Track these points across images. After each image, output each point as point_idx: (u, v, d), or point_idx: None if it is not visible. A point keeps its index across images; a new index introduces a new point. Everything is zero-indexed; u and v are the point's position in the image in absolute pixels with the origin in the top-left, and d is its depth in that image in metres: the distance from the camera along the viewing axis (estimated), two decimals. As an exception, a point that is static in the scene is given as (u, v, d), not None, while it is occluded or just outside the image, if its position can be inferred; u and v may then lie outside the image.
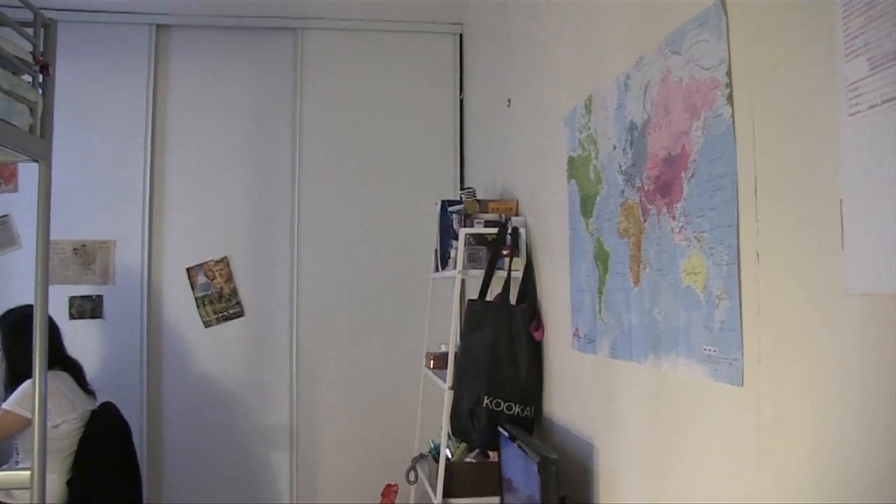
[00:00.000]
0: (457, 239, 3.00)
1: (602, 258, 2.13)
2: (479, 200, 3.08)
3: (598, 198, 2.17)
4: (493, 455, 2.88)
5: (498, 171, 3.49)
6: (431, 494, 2.94)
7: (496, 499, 2.75)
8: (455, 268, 2.97)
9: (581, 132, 2.31)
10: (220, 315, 4.15)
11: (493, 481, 2.74)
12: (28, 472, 2.55)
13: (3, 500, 3.03)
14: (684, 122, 1.63)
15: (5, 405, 3.02)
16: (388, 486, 3.81)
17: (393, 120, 4.27)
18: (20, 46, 2.39)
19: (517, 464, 2.40)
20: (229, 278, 4.15)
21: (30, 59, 2.44)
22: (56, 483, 3.01)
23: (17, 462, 3.14)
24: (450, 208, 3.22)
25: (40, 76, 2.54)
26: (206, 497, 4.08)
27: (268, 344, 4.16)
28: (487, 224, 2.98)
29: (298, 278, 4.15)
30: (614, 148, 2.05)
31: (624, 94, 1.98)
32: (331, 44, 4.26)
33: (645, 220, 1.84)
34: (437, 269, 3.44)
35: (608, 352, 2.10)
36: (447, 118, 4.30)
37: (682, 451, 1.68)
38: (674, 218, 1.68)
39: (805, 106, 1.24)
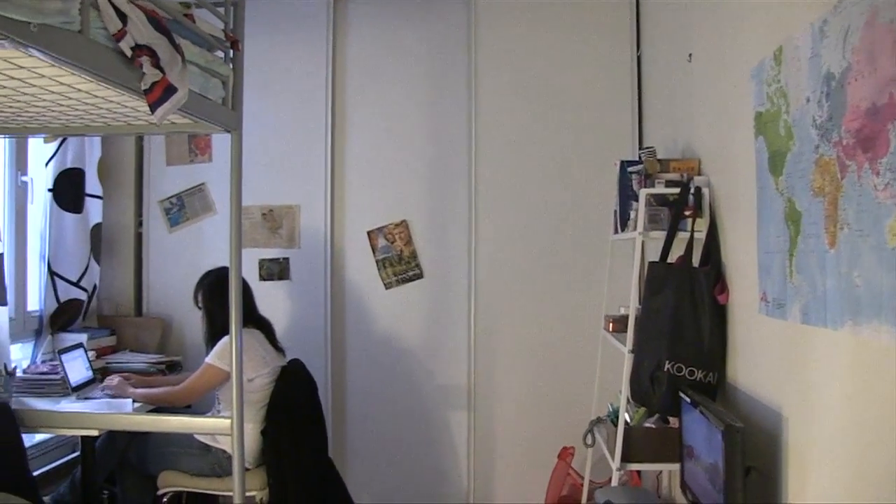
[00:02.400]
0: (637, 200, 2.93)
1: (793, 218, 2.01)
2: (659, 160, 2.99)
3: (789, 155, 2.04)
4: (673, 421, 2.82)
5: (678, 129, 3.36)
6: (609, 458, 2.92)
7: (676, 465, 2.69)
8: (635, 229, 2.90)
9: (769, 85, 2.18)
10: (399, 277, 4.26)
11: (674, 448, 2.68)
12: (228, 421, 2.76)
13: (209, 442, 3.30)
14: (893, 69, 1.49)
15: (207, 359, 3.27)
16: (565, 448, 3.81)
17: (568, 79, 4.18)
18: (213, 25, 2.54)
19: (699, 431, 2.33)
20: (409, 241, 4.25)
21: (221, 36, 2.58)
22: (252, 432, 3.22)
23: (218, 411, 3.40)
24: (629, 168, 3.14)
25: (231, 52, 2.69)
26: (386, 450, 4.26)
27: (446, 306, 4.24)
28: (668, 184, 2.89)
29: (476, 240, 4.18)
30: (808, 101, 1.91)
31: (819, 42, 1.84)
32: (504, 4, 4.22)
33: (843, 178, 1.71)
34: (616, 231, 3.37)
35: (799, 317, 1.98)
36: (624, 76, 4.16)
37: (886, 427, 1.57)
38: (877, 174, 1.55)
39: None
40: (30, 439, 3.03)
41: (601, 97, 4.15)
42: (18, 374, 3.33)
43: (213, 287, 3.35)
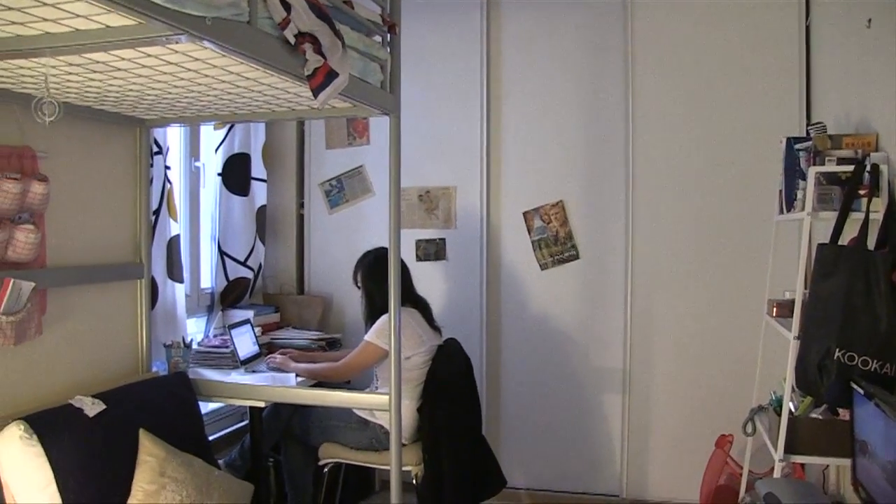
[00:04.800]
0: (804, 179, 2.78)
1: None
2: (830, 136, 2.82)
3: (984, 127, 1.87)
4: (843, 413, 2.67)
5: (852, 102, 3.14)
6: (771, 449, 2.80)
7: (846, 461, 2.54)
8: (803, 209, 2.75)
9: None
10: (555, 258, 4.23)
11: (844, 441, 2.52)
12: (386, 397, 2.84)
13: (367, 417, 3.41)
14: None
15: (366, 337, 3.37)
16: (723, 436, 3.69)
17: (730, 53, 3.97)
18: (371, 10, 2.59)
19: (875, 425, 2.19)
20: (564, 222, 4.21)
21: (379, 20, 2.64)
22: (408, 409, 3.29)
23: (376, 388, 3.50)
24: (796, 146, 2.98)
25: (388, 36, 2.74)
26: (540, 431, 4.27)
27: (602, 287, 4.17)
28: (840, 161, 2.72)
29: (633, 221, 4.09)
30: None
31: None
32: (662, -23, 4.08)
33: None
34: (781, 212, 3.21)
35: None
36: (791, 48, 3.90)
37: None
38: None
39: None
40: (204, 407, 3.24)
41: (766, 71, 3.92)
42: (194, 346, 3.56)
43: (372, 267, 3.45)
